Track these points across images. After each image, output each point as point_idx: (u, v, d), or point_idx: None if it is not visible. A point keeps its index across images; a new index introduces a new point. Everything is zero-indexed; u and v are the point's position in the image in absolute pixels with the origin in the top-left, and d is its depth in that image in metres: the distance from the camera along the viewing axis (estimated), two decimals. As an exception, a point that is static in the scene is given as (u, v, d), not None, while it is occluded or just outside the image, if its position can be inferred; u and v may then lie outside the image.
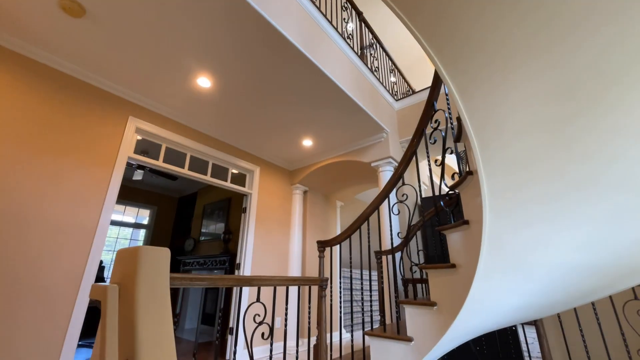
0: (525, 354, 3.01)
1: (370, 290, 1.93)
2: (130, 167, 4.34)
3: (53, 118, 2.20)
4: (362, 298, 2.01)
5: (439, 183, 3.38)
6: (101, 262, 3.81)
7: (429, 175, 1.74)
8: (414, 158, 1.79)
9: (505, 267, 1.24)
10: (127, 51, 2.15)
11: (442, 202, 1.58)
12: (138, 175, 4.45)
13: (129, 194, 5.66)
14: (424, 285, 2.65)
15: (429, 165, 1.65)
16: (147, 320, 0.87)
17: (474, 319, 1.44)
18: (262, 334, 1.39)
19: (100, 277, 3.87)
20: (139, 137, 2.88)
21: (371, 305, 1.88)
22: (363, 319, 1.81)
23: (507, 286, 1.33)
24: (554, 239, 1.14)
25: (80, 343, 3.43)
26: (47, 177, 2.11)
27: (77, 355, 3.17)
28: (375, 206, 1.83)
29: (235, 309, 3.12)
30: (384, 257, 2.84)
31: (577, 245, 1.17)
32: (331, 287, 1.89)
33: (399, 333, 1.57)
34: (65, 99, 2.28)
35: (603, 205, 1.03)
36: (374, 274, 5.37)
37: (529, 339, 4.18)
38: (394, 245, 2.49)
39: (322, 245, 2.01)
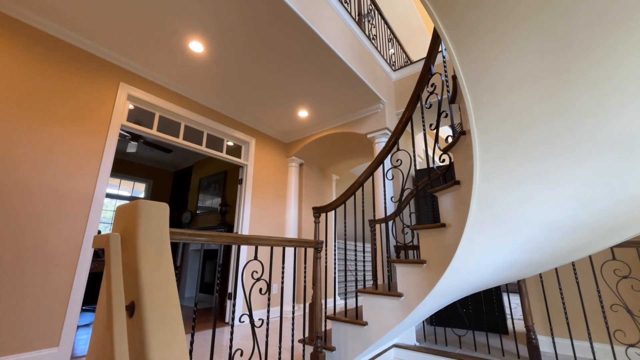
0: (508, 316, 3.20)
1: (364, 261, 2.01)
2: (123, 139, 4.28)
3: (42, 83, 2.14)
4: (356, 258, 2.09)
5: (432, 154, 3.41)
6: (99, 232, 3.86)
7: (424, 149, 1.78)
8: (410, 124, 1.80)
9: (492, 225, 1.30)
10: (117, 12, 2.06)
11: (435, 167, 1.62)
12: (132, 148, 4.40)
13: (124, 167, 5.63)
14: (415, 251, 2.75)
15: (425, 137, 1.66)
16: (150, 266, 0.91)
17: (460, 275, 1.52)
18: (260, 290, 1.46)
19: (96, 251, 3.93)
20: (132, 106, 2.83)
21: (364, 275, 1.96)
22: (356, 279, 1.90)
23: (493, 244, 1.39)
24: (541, 196, 1.18)
25: (83, 308, 3.55)
26: (39, 144, 2.09)
27: (81, 318, 3.29)
28: (370, 172, 1.86)
29: (234, 271, 3.23)
30: (377, 226, 2.92)
31: (563, 204, 1.22)
32: (326, 251, 1.96)
33: (389, 290, 1.66)
34: (54, 63, 2.21)
35: (592, 163, 1.07)
36: (368, 246, 5.53)
37: (513, 304, 4.43)
38: (388, 212, 2.55)
39: (318, 211, 2.06)
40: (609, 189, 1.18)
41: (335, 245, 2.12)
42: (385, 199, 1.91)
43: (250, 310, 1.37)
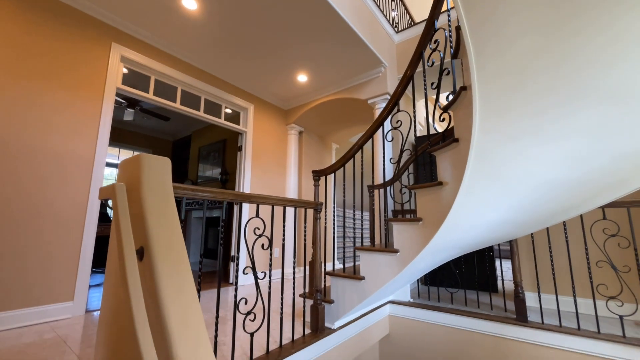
0: (499, 278, 3.36)
1: (362, 229, 2.06)
2: (120, 106, 4.21)
3: (31, 44, 2.07)
4: (354, 226, 2.15)
5: (432, 120, 3.38)
6: (103, 199, 3.93)
7: (425, 116, 1.75)
8: (411, 85, 1.76)
9: (488, 182, 1.33)
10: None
11: (435, 127, 1.61)
12: (129, 116, 4.34)
13: (123, 137, 5.58)
14: (412, 215, 2.82)
15: (426, 99, 1.64)
16: (156, 214, 0.95)
17: (454, 233, 1.58)
18: (262, 245, 1.52)
19: (103, 214, 4.02)
20: (126, 70, 2.75)
21: (362, 241, 2.02)
22: (354, 242, 1.97)
23: (487, 202, 1.43)
24: (537, 153, 1.20)
25: (93, 270, 3.71)
26: (38, 108, 2.06)
27: (92, 279, 3.46)
28: (370, 133, 1.86)
29: (236, 235, 3.33)
30: (376, 192, 2.97)
31: (559, 161, 1.24)
32: (325, 213, 2.01)
33: (386, 247, 1.73)
34: (42, 21, 2.11)
35: (589, 116, 1.07)
36: (366, 214, 5.65)
37: (504, 268, 4.63)
38: (387, 177, 2.58)
39: (317, 174, 2.09)
40: (604, 145, 1.19)
41: (334, 208, 2.17)
42: (384, 161, 1.93)
43: (253, 263, 1.44)
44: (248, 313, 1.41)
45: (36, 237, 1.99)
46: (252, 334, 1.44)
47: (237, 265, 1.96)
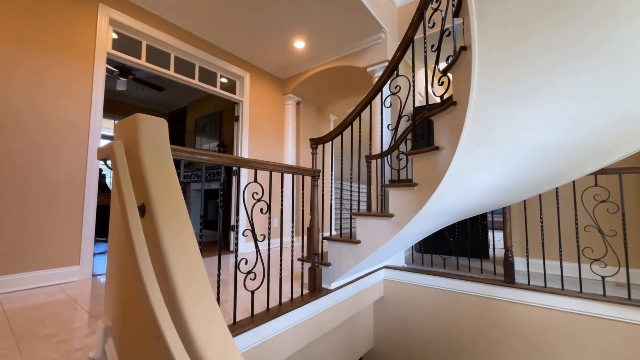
0: (490, 247, 3.48)
1: (359, 201, 2.08)
2: (111, 75, 4.08)
3: (16, 2, 1.96)
4: (351, 198, 2.17)
5: (431, 85, 3.31)
6: (101, 170, 3.93)
7: (425, 85, 1.72)
8: (411, 49, 1.72)
9: (484, 145, 1.34)
10: None
11: (433, 91, 1.60)
12: (122, 85, 4.22)
13: (116, 108, 5.47)
14: (409, 185, 2.86)
15: (425, 68, 1.60)
16: (155, 172, 0.96)
17: (448, 197, 1.62)
18: (261, 209, 1.56)
19: (103, 185, 4.04)
20: (115, 35, 2.64)
21: (359, 208, 2.06)
22: (350, 209, 2.01)
23: (482, 166, 1.45)
24: (534, 114, 1.20)
25: (97, 239, 3.79)
26: (26, 71, 2.00)
27: (97, 247, 3.55)
28: (368, 100, 1.84)
29: (235, 206, 3.39)
30: (373, 162, 2.98)
31: (556, 123, 1.25)
32: (323, 182, 2.04)
33: (382, 211, 1.78)
34: (21, -23, 2.00)
35: (591, 77, 1.06)
36: (363, 187, 5.70)
37: (496, 238, 4.77)
38: (384, 141, 2.58)
39: (315, 142, 2.08)
40: (601, 108, 1.19)
41: (332, 175, 2.19)
42: (382, 129, 1.92)
43: (252, 226, 1.48)
44: (248, 272, 1.47)
45: (40, 205, 2.02)
46: (252, 292, 1.51)
47: (237, 226, 2.01)
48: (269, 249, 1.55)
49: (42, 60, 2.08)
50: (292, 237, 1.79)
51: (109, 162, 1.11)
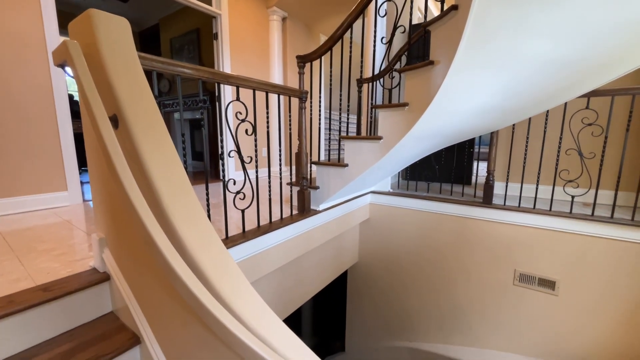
0: (474, 175, 3.61)
1: (347, 131, 1.99)
2: (62, -20, 3.46)
3: None
4: (340, 129, 2.11)
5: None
6: (72, 96, 3.63)
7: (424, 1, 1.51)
8: (413, -60, 1.45)
9: (483, 57, 1.25)
10: None
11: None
12: (77, -7, 3.62)
13: (76, 25, 4.80)
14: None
15: None
16: (123, 78, 0.87)
17: (439, 117, 1.58)
18: (246, 131, 1.50)
19: (76, 112, 3.80)
20: None
21: (347, 131, 2.00)
22: (339, 131, 1.97)
23: (477, 81, 1.39)
24: (537, 21, 1.09)
25: (83, 169, 3.74)
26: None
27: (84, 177, 3.52)
28: (360, 8, 1.63)
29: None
30: (365, 87, 2.84)
31: (558, 32, 1.15)
32: (311, 105, 1.94)
33: (370, 134, 1.75)
34: None
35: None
36: (353, 117, 5.56)
37: (480, 167, 4.94)
38: (377, 59, 2.42)
39: (302, 60, 1.92)
40: (610, 11, 1.09)
41: (321, 98, 2.09)
42: (374, 44, 1.76)
43: (237, 147, 1.45)
44: (237, 192, 1.50)
45: (14, 133, 1.90)
46: (243, 211, 1.57)
47: (223, 140, 1.98)
48: (256, 172, 1.55)
49: (-33, -51, 1.70)
50: (281, 163, 1.78)
51: (69, 70, 0.99)
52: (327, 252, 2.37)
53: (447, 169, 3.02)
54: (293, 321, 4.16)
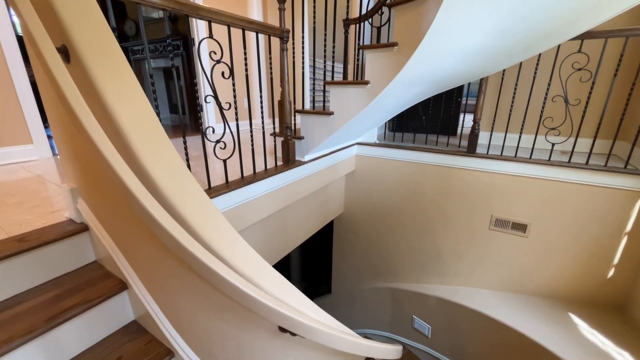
0: (460, 126, 3.60)
1: (333, 78, 1.85)
2: None
3: None
4: (325, 46, 1.97)
5: None
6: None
7: None
8: None
9: (479, -12, 1.14)
10: None
11: None
12: None
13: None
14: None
15: None
16: (69, 1, 0.74)
17: (429, 59, 1.50)
18: (222, 73, 1.39)
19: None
20: None
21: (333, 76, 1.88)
22: (324, 76, 1.86)
23: (470, 18, 1.29)
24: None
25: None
26: None
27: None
28: None
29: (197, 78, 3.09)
30: (351, 28, 2.63)
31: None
32: (293, 46, 1.79)
33: (356, 79, 1.66)
34: None
35: None
36: (339, 65, 5.28)
37: (467, 119, 4.92)
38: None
39: (282, -7, 1.71)
40: None
41: (304, 41, 1.93)
42: (363, -26, 1.57)
43: (214, 92, 1.35)
44: (217, 141, 1.43)
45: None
46: (225, 161, 1.51)
47: (197, 85, 1.85)
48: (236, 117, 1.47)
49: None
50: (263, 114, 1.68)
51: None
52: (313, 203, 2.40)
53: (434, 120, 2.99)
54: (282, 268, 4.38)
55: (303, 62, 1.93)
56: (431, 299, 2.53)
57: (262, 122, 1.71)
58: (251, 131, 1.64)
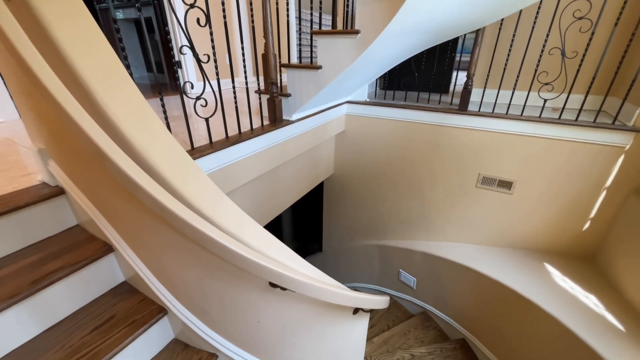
0: (452, 83, 3.49)
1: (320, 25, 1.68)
2: None
3: None
4: (311, 18, 1.80)
5: None
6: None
7: None
8: None
9: None
10: None
11: None
12: None
13: None
14: None
15: None
16: None
17: (425, 4, 1.38)
18: (198, 20, 1.25)
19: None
20: None
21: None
22: (311, 23, 1.71)
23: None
24: None
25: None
26: None
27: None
28: None
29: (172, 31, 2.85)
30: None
31: None
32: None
33: (345, 28, 1.53)
34: None
35: None
36: (327, 17, 4.91)
37: (459, 77, 4.78)
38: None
39: None
40: None
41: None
42: None
43: (190, 41, 1.22)
44: (198, 98, 1.33)
45: None
46: (207, 119, 1.42)
47: (170, 34, 1.67)
48: (217, 72, 1.36)
49: None
50: (246, 70, 1.54)
51: None
52: (303, 163, 2.36)
53: (426, 77, 2.88)
54: (274, 229, 4.47)
55: (288, 11, 1.75)
56: (417, 254, 2.65)
57: (246, 79, 1.59)
58: (234, 87, 1.53)
